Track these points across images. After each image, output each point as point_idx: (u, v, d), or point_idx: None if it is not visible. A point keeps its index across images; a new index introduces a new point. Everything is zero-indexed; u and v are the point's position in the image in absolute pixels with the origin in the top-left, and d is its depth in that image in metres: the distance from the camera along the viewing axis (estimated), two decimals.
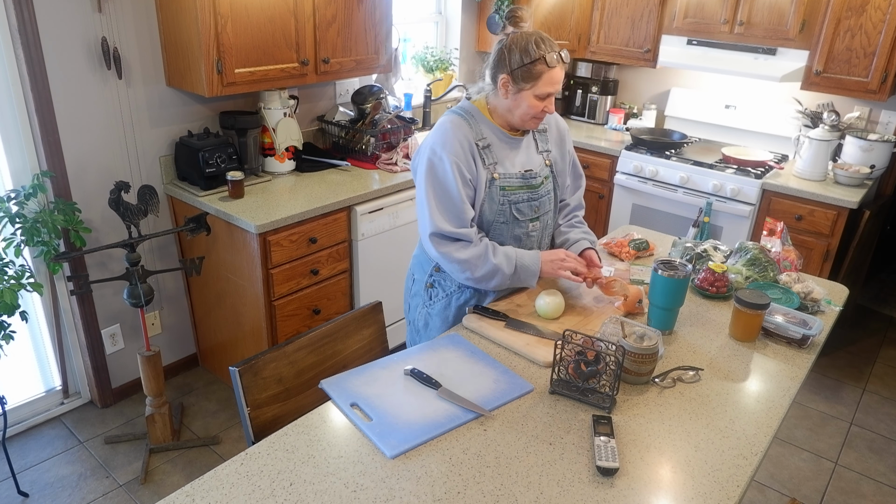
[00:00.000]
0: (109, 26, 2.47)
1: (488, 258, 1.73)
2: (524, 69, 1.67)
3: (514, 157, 1.82)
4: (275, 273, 2.60)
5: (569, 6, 3.88)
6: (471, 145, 1.73)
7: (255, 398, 1.53)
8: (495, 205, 1.78)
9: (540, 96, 1.70)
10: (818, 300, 1.90)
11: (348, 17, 2.90)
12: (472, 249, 1.73)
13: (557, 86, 1.70)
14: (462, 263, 1.74)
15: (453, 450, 1.31)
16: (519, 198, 1.81)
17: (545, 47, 1.67)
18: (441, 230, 1.72)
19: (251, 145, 2.88)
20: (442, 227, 1.72)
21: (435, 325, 1.95)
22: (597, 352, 1.43)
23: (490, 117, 1.80)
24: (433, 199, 1.72)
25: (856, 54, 3.10)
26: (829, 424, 3.01)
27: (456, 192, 1.71)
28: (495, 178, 1.77)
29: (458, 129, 1.73)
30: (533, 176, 1.83)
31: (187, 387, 3.07)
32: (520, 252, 1.78)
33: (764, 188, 3.26)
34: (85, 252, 2.45)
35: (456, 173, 1.70)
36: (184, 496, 1.18)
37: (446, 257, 1.74)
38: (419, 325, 2.01)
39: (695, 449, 1.33)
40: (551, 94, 1.71)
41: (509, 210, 1.80)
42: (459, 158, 1.71)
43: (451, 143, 1.71)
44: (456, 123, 1.74)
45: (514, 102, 1.73)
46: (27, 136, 2.42)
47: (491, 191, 1.77)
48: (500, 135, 1.80)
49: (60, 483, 2.48)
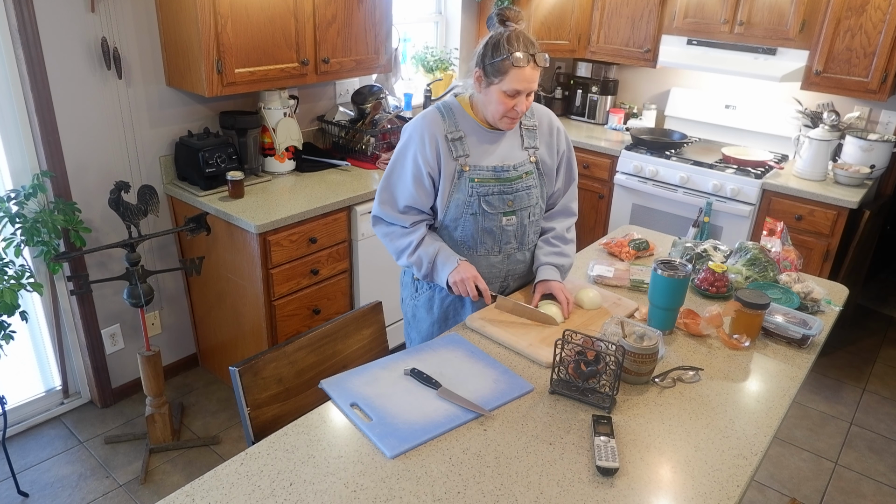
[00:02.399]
0: (109, 26, 2.47)
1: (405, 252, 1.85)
2: (493, 64, 1.68)
3: (492, 150, 1.83)
4: (275, 273, 2.60)
5: (569, 6, 3.88)
6: (436, 140, 1.78)
7: (255, 398, 1.53)
8: (464, 195, 1.81)
9: (508, 93, 1.69)
10: (818, 300, 1.90)
11: (348, 17, 2.90)
12: (399, 240, 1.86)
13: (527, 84, 1.69)
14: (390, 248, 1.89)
15: (453, 450, 1.31)
16: (489, 190, 1.81)
17: (517, 45, 1.67)
18: (380, 213, 1.87)
19: (251, 145, 2.88)
20: (383, 209, 1.86)
21: (421, 316, 2.00)
22: (597, 352, 1.43)
23: (471, 112, 1.83)
24: (385, 183, 1.85)
25: (856, 54, 3.10)
26: (829, 424, 3.01)
27: (405, 182, 1.81)
28: (464, 170, 1.79)
29: (428, 124, 1.79)
30: (506, 170, 1.83)
31: (187, 387, 3.07)
32: (440, 258, 1.82)
33: (764, 188, 3.26)
34: (85, 252, 2.45)
35: (411, 165, 1.80)
36: (184, 496, 1.18)
37: (383, 239, 1.91)
38: (409, 317, 2.07)
39: (695, 449, 1.34)
40: (520, 91, 1.70)
41: (478, 202, 1.81)
42: (419, 152, 1.79)
43: (416, 137, 1.80)
44: (429, 118, 1.81)
45: (486, 97, 1.75)
46: (27, 136, 2.42)
47: (460, 182, 1.80)
48: (477, 128, 1.82)
49: (60, 483, 2.48)
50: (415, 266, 1.85)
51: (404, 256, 1.85)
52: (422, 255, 1.82)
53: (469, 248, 1.88)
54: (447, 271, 1.80)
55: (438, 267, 1.82)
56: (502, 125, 1.79)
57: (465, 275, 1.79)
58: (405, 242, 1.84)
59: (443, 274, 1.81)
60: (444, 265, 1.81)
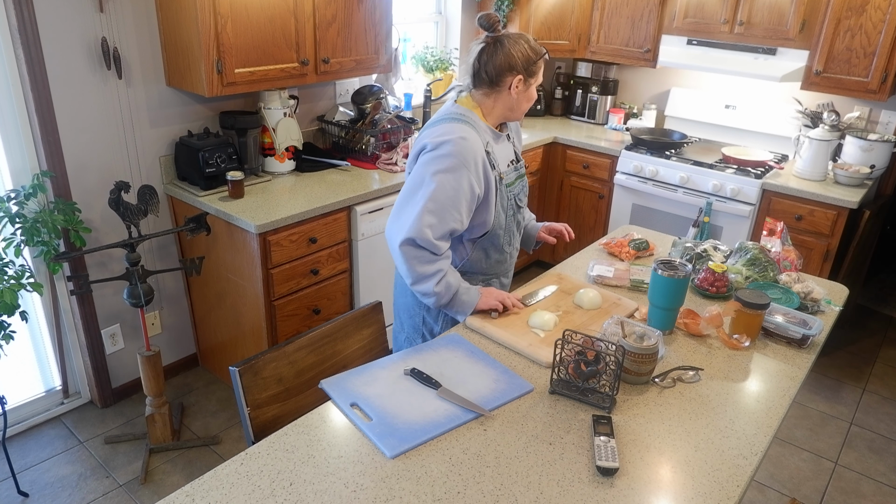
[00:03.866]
0: (109, 26, 2.47)
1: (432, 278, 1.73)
2: (535, 65, 1.77)
3: (503, 151, 1.89)
4: (275, 273, 2.60)
5: (569, 6, 3.88)
6: (483, 160, 1.74)
7: (255, 398, 1.53)
8: (504, 201, 1.86)
9: (536, 86, 1.81)
10: (818, 300, 1.90)
11: (348, 17, 2.90)
12: (427, 266, 1.73)
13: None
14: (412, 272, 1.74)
15: (453, 450, 1.31)
16: (515, 189, 1.91)
17: (538, 44, 1.79)
18: (419, 237, 1.69)
19: (251, 145, 2.88)
20: (423, 234, 1.69)
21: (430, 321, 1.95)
22: (597, 352, 1.43)
23: (483, 118, 1.82)
24: (434, 207, 1.69)
25: (856, 54, 3.10)
26: (829, 424, 3.01)
27: (460, 209, 1.72)
28: (501, 178, 1.83)
29: (472, 146, 1.71)
30: (517, 168, 1.93)
31: (187, 387, 3.07)
32: (462, 288, 1.78)
33: (764, 188, 3.26)
34: (85, 252, 2.45)
35: (468, 192, 1.71)
36: (184, 496, 1.18)
37: (407, 261, 1.73)
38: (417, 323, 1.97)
39: (695, 449, 1.34)
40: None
41: (514, 202, 1.90)
42: (475, 178, 1.72)
43: (470, 162, 1.70)
44: (471, 140, 1.72)
45: (522, 97, 1.79)
46: (27, 136, 2.42)
47: (500, 190, 1.83)
48: (493, 134, 1.84)
49: (60, 483, 2.48)
50: (437, 294, 1.74)
51: (430, 283, 1.73)
52: (450, 283, 1.75)
53: (501, 251, 1.92)
54: (472, 300, 1.78)
55: (461, 296, 1.77)
56: (522, 117, 1.87)
57: (496, 295, 1.79)
58: (433, 269, 1.73)
59: (467, 302, 1.78)
60: (468, 293, 1.78)
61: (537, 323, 1.74)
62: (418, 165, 1.75)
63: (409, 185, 1.76)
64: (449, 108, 1.82)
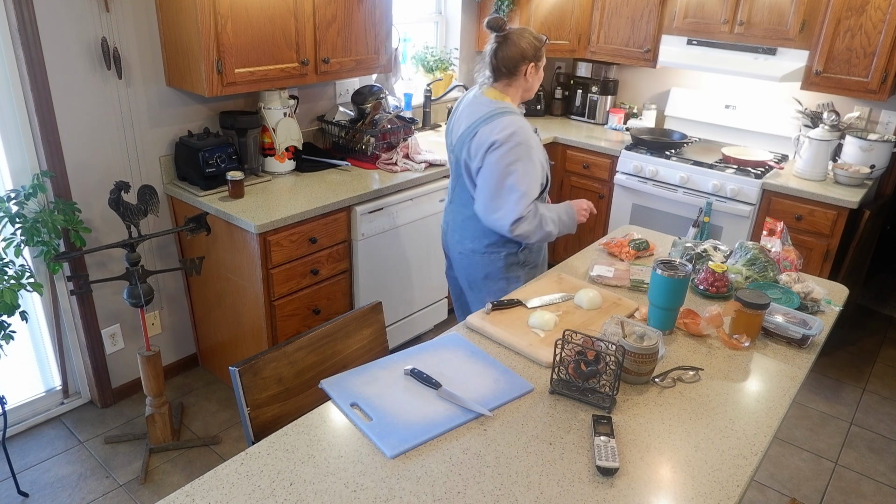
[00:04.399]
0: (109, 26, 2.47)
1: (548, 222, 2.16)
2: (540, 52, 2.14)
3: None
4: (275, 273, 2.60)
5: (569, 6, 3.88)
6: (535, 135, 2.16)
7: (255, 398, 1.53)
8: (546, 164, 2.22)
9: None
10: (818, 300, 1.90)
11: (348, 16, 2.90)
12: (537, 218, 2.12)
13: None
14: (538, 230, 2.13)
15: (453, 450, 1.31)
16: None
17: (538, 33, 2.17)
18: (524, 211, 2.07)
19: (251, 145, 2.88)
20: (523, 209, 2.07)
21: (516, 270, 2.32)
22: (597, 352, 1.43)
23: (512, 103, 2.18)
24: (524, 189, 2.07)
25: (856, 54, 3.10)
26: (829, 424, 3.01)
27: (536, 181, 2.11)
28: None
29: (528, 128, 2.11)
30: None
31: (187, 387, 3.07)
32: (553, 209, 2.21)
33: (764, 188, 3.26)
34: (85, 252, 2.45)
35: (539, 167, 2.12)
36: (184, 496, 1.18)
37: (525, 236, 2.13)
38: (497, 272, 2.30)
39: (695, 449, 1.34)
40: None
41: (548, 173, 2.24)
42: (538, 153, 2.13)
43: (534, 143, 2.11)
44: (525, 124, 2.10)
45: (534, 79, 2.18)
46: (27, 136, 2.42)
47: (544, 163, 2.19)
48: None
49: (60, 483, 2.48)
50: (553, 230, 2.15)
51: (545, 230, 2.13)
52: (553, 217, 2.17)
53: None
54: (571, 215, 2.23)
55: (563, 216, 2.21)
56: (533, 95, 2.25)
57: (576, 203, 2.28)
58: (539, 220, 2.11)
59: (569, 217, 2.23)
60: (566, 212, 2.22)
61: (537, 323, 1.74)
62: (497, 159, 2.06)
63: (494, 177, 2.09)
64: (490, 103, 2.13)
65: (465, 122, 2.16)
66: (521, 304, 1.86)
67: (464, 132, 2.14)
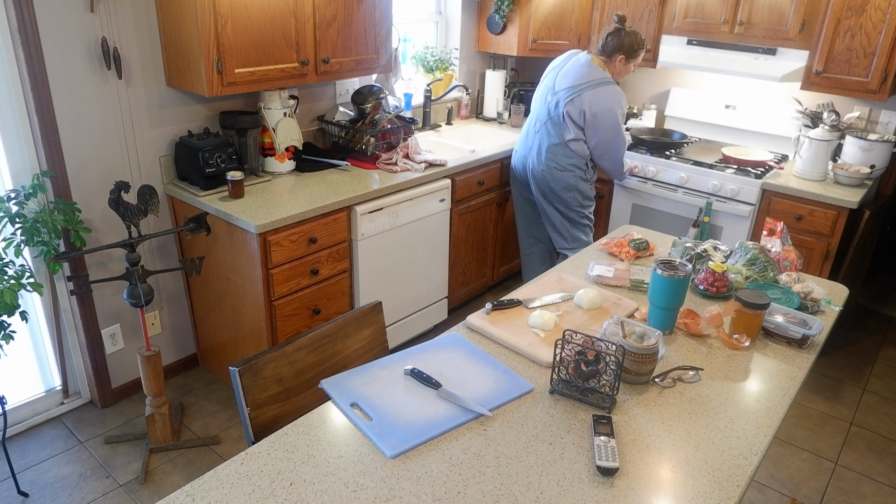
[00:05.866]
0: (109, 26, 2.47)
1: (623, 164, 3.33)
2: (635, 53, 3.09)
3: None
4: (275, 273, 2.60)
5: (569, 6, 3.88)
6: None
7: (255, 398, 1.53)
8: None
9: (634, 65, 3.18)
10: (818, 300, 1.90)
11: (348, 17, 2.90)
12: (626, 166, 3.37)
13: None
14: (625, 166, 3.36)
15: (453, 450, 1.31)
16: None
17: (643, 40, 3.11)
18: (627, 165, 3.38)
19: (251, 145, 2.88)
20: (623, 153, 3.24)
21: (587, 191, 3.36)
22: (597, 352, 1.43)
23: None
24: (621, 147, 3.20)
25: (856, 54, 3.10)
26: (829, 424, 3.01)
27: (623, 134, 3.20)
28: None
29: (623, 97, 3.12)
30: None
31: (187, 387, 3.07)
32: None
33: (764, 188, 3.26)
34: (85, 252, 2.45)
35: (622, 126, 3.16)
36: (184, 496, 1.18)
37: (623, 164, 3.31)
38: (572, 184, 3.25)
39: (695, 449, 1.34)
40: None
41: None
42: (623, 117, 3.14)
43: (625, 107, 3.12)
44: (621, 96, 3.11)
45: (622, 69, 3.11)
46: (27, 136, 2.42)
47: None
48: None
49: (60, 483, 2.48)
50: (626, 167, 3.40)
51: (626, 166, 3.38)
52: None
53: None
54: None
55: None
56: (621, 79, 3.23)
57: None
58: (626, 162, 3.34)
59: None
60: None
61: (537, 323, 1.74)
62: (607, 116, 3.05)
63: (607, 131, 3.10)
64: (598, 72, 3.06)
65: (573, 79, 3.06)
66: (521, 304, 1.86)
67: (571, 86, 3.05)
